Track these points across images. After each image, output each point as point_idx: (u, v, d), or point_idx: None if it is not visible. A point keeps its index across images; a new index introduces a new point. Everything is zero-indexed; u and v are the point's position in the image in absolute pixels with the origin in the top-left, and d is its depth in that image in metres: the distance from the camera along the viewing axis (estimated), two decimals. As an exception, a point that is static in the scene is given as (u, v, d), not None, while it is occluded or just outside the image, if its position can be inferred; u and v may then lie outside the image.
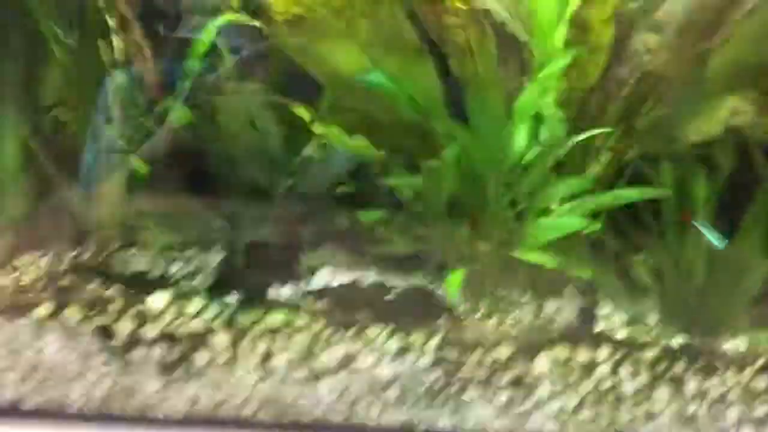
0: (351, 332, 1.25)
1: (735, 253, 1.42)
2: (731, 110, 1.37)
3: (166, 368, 1.22)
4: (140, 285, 1.28)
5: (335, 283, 1.48)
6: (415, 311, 1.36)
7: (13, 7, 1.31)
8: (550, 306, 1.48)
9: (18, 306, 1.18)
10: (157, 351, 1.22)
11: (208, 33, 1.51)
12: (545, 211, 1.42)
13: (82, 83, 1.32)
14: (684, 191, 1.45)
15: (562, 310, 1.49)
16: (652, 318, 1.49)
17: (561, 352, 1.30)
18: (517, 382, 1.28)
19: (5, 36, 1.31)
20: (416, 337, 1.27)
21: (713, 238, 1.34)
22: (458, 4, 1.42)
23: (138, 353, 1.21)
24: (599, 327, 1.39)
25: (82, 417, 1.21)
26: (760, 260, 1.42)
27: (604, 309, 1.50)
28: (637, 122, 1.42)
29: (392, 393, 1.27)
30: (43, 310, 1.18)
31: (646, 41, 1.34)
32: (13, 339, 1.18)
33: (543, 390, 1.29)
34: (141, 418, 1.22)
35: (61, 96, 1.40)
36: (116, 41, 1.34)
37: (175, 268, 1.42)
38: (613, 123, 1.46)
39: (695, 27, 1.27)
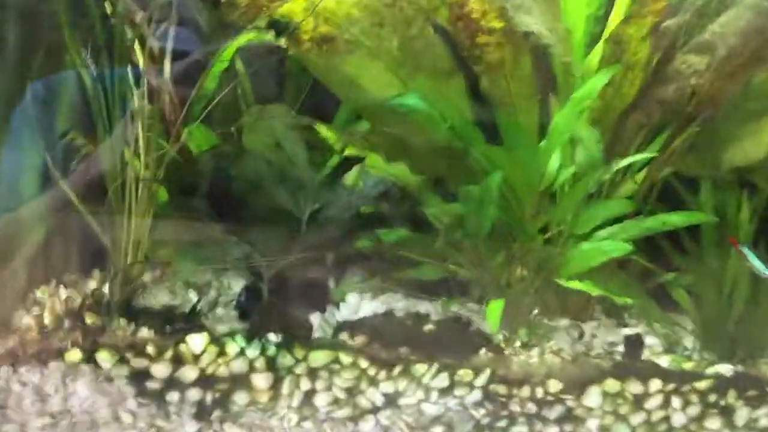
0: (397, 370, 1.20)
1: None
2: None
3: (204, 410, 1.15)
4: (171, 321, 1.21)
5: (365, 312, 1.42)
6: (455, 342, 1.31)
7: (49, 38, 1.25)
8: (590, 332, 1.45)
9: (46, 350, 1.11)
10: (195, 393, 1.15)
11: (227, 53, 1.45)
12: (586, 236, 1.38)
13: (104, 109, 1.26)
14: (724, 213, 1.42)
15: (603, 335, 1.45)
16: (690, 341, 1.46)
17: (611, 384, 1.25)
18: (566, 416, 1.24)
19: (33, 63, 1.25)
20: (463, 373, 1.21)
21: (759, 265, 1.31)
22: (494, 24, 1.37)
23: (174, 395, 1.15)
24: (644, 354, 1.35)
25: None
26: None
27: (637, 331, 1.47)
28: (678, 143, 1.39)
29: (439, 429, 1.22)
30: (74, 354, 1.11)
31: (689, 61, 1.31)
32: (44, 384, 1.11)
33: (592, 423, 1.25)
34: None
35: (79, 121, 1.34)
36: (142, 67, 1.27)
37: (202, 301, 1.36)
38: (650, 143, 1.43)
39: (746, 50, 1.23)
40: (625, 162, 1.34)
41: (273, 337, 1.17)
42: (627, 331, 1.42)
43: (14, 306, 1.23)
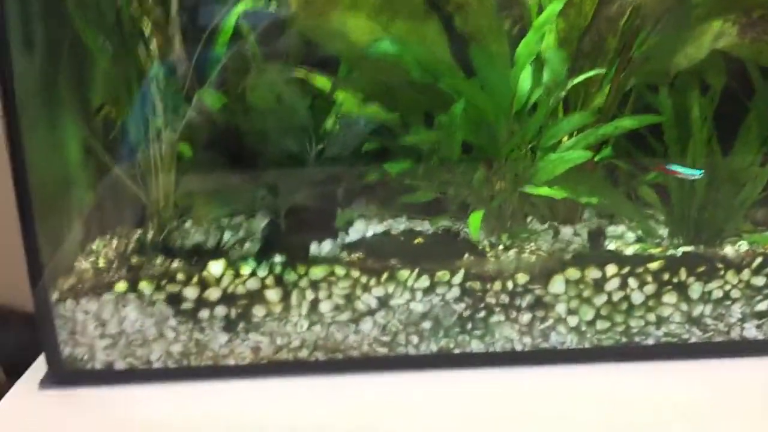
0: (384, 276, 1.43)
1: (734, 163, 1.54)
2: (715, 34, 1.47)
3: (230, 324, 1.42)
4: (199, 255, 1.48)
5: (369, 234, 1.65)
6: (443, 251, 1.52)
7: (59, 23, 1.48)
8: (566, 233, 1.63)
9: (100, 284, 1.39)
10: (220, 310, 1.41)
11: (231, 19, 1.66)
12: (553, 147, 1.55)
13: (123, 83, 1.50)
14: (682, 113, 1.56)
15: (576, 235, 1.63)
16: (662, 232, 1.62)
17: (573, 273, 1.44)
18: (536, 304, 1.44)
19: (54, 48, 1.48)
20: (442, 274, 1.43)
21: (690, 172, 1.46)
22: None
23: (204, 313, 1.41)
24: (610, 246, 1.53)
25: (165, 372, 1.43)
26: (758, 168, 1.54)
27: (618, 229, 1.64)
28: (632, 55, 1.53)
29: (427, 324, 1.45)
30: (121, 285, 1.39)
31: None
32: (100, 312, 1.40)
33: (560, 308, 1.45)
34: (214, 369, 1.43)
35: (107, 96, 1.59)
36: (153, 41, 1.51)
37: (226, 237, 1.61)
38: (610, 58, 1.58)
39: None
40: (577, 80, 1.50)
41: (278, 258, 1.42)
42: (593, 226, 1.60)
43: (75, 255, 1.53)
